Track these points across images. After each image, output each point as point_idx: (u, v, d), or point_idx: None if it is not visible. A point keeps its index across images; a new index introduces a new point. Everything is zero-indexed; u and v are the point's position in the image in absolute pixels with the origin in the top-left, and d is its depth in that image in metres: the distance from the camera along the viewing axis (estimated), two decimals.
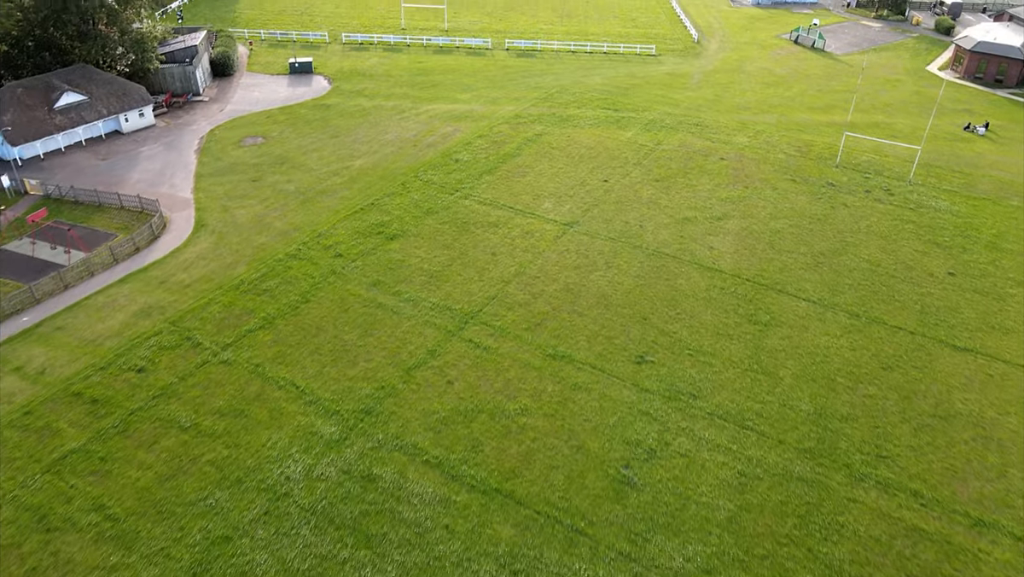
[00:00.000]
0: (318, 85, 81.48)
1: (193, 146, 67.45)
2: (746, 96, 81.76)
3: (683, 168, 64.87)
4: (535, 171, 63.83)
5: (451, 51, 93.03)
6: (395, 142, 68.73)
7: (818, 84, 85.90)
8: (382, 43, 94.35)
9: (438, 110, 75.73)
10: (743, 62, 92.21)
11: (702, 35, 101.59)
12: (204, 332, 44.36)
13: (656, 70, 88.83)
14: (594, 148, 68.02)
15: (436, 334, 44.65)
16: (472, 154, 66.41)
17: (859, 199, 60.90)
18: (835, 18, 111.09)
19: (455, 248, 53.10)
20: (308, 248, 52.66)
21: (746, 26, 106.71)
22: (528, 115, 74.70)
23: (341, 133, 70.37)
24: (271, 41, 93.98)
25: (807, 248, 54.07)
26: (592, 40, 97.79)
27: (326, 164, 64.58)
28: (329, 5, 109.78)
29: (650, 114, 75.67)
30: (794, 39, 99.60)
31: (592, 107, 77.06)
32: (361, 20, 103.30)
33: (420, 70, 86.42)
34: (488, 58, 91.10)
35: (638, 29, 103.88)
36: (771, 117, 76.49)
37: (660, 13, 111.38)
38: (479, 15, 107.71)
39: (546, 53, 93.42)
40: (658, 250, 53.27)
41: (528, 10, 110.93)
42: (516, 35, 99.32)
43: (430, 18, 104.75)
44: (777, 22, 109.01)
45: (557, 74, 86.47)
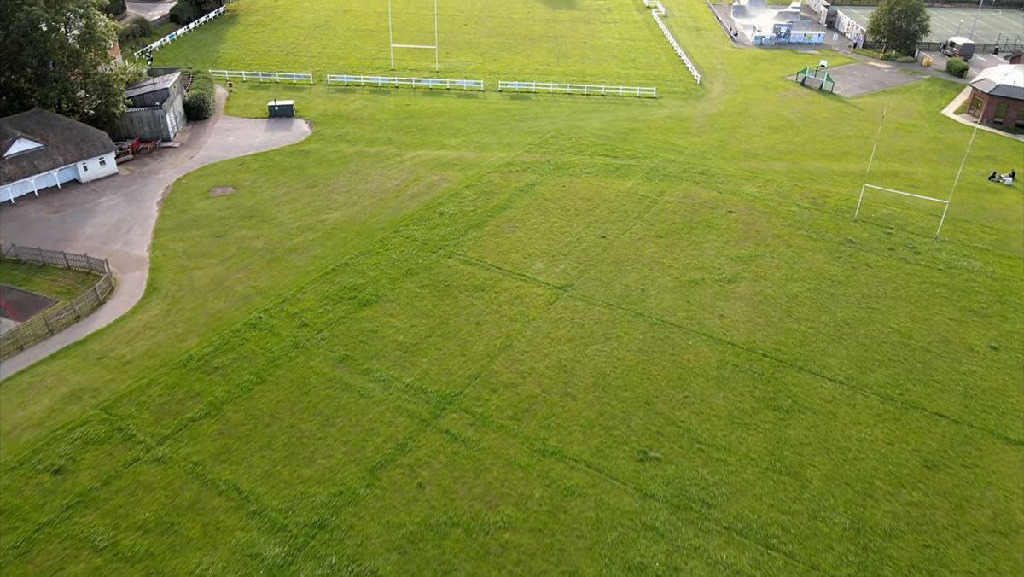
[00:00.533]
0: (298, 129, 76.68)
1: (156, 197, 62.23)
2: (753, 142, 76.89)
3: (688, 222, 59.53)
4: (527, 226, 58.48)
5: (441, 93, 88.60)
6: (376, 192, 63.54)
7: (829, 129, 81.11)
8: (369, 84, 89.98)
9: (424, 157, 70.75)
10: (748, 105, 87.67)
11: (704, 76, 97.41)
12: (139, 421, 38.42)
13: (657, 113, 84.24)
14: (591, 200, 62.79)
15: (408, 423, 38.70)
16: (458, 206, 61.15)
17: (882, 258, 55.39)
18: (842, 59, 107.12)
19: (435, 316, 47.42)
20: (270, 316, 46.98)
21: (750, 67, 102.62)
22: (520, 162, 69.70)
23: (318, 182, 65.23)
24: (252, 82, 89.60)
25: (829, 316, 48.36)
26: (590, 82, 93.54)
27: (299, 217, 59.27)
28: (316, 45, 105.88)
29: (651, 162, 70.68)
30: (801, 81, 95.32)
31: (589, 154, 72.11)
32: (349, 60, 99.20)
33: (407, 113, 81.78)
34: (480, 100, 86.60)
35: (638, 70, 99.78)
36: (781, 165, 71.47)
37: (660, 54, 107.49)
38: (472, 55, 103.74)
39: (541, 95, 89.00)
40: (662, 318, 47.59)
41: (523, 50, 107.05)
42: (510, 76, 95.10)
43: (421, 59, 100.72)
44: (782, 63, 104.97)
45: (552, 117, 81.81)
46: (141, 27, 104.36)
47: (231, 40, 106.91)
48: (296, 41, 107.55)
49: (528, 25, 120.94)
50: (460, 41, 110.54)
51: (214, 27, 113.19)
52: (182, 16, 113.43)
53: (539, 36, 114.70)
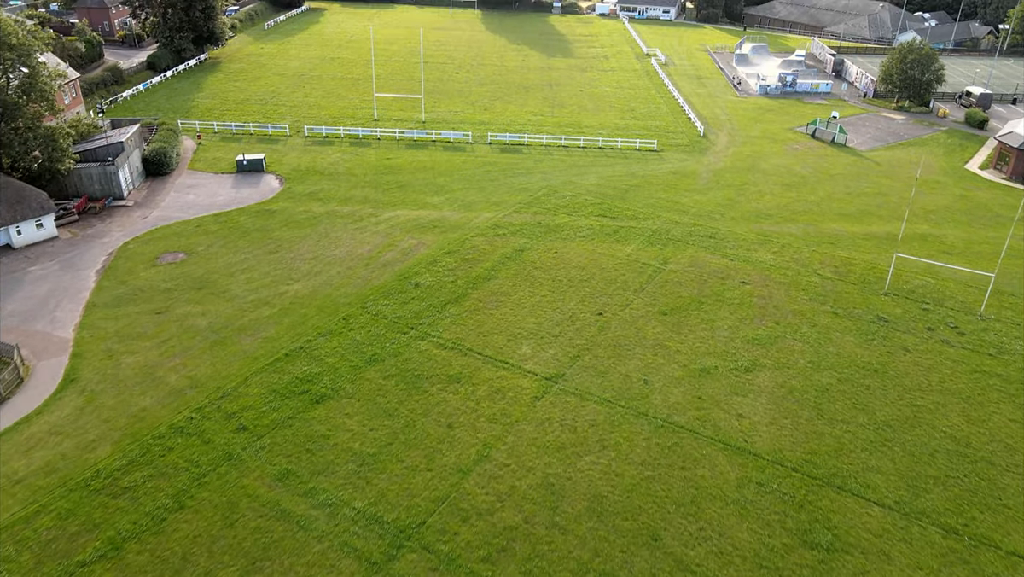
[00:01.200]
0: (267, 186, 70.24)
1: (96, 264, 55.29)
2: (764, 200, 70.36)
3: (696, 296, 52.43)
4: (513, 300, 51.37)
5: (426, 145, 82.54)
6: (345, 260, 56.61)
7: (845, 186, 74.70)
8: (349, 136, 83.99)
9: (402, 217, 64.09)
10: (757, 159, 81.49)
11: (708, 128, 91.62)
12: (16, 567, 30.62)
13: (659, 168, 77.96)
14: (586, 268, 55.83)
15: (354, 569, 30.90)
16: (436, 277, 54.12)
17: (921, 340, 48.10)
18: (853, 109, 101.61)
19: (400, 416, 39.94)
20: (203, 416, 39.49)
21: (756, 118, 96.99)
22: (509, 224, 62.98)
23: (282, 247, 58.38)
24: (224, 134, 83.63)
25: (867, 416, 40.87)
26: (586, 133, 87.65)
27: (255, 289, 52.19)
28: (298, 93, 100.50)
29: (653, 223, 63.99)
30: (811, 133, 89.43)
31: (585, 214, 65.49)
32: (330, 110, 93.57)
33: (388, 168, 75.49)
34: (468, 153, 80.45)
35: (638, 121, 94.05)
36: (797, 227, 64.75)
37: (661, 103, 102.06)
38: (462, 105, 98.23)
39: (534, 148, 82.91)
40: (669, 418, 40.10)
41: (516, 99, 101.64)
42: (501, 127, 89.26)
43: (407, 108, 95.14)
44: (789, 113, 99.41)
45: (545, 173, 75.49)
46: (113, 75, 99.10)
47: (208, 88, 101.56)
48: (277, 90, 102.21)
49: (522, 73, 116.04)
50: (450, 90, 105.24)
51: (193, 75, 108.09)
52: (159, 64, 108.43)
53: (533, 85, 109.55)
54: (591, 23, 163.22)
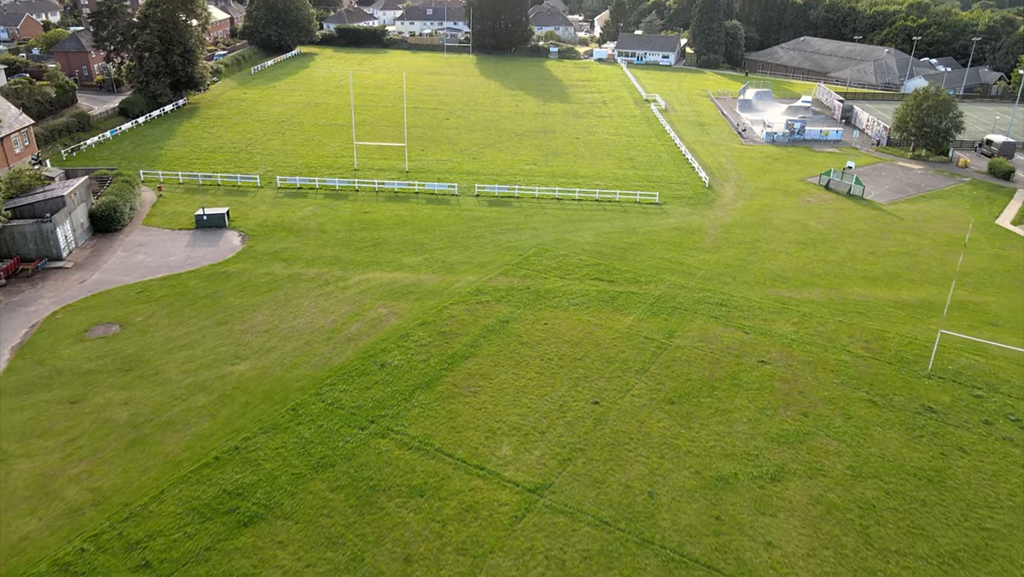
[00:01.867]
0: (227, 244, 63.33)
1: (13, 340, 47.93)
2: (779, 261, 63.36)
3: (708, 379, 44.93)
4: (494, 384, 43.87)
5: (408, 198, 75.95)
6: (304, 333, 49.28)
7: (868, 244, 67.80)
8: (325, 188, 77.50)
9: (374, 281, 56.99)
10: (768, 213, 74.82)
11: (713, 178, 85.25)
12: None
13: (661, 223, 71.19)
14: (581, 344, 48.46)
15: None
16: (407, 354, 46.73)
17: (979, 437, 40.44)
18: (866, 158, 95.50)
19: (346, 546, 32.09)
20: (100, 546, 31.64)
21: (764, 168, 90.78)
22: (493, 289, 55.82)
23: (233, 317, 51.11)
24: (190, 185, 77.19)
25: (927, 545, 32.97)
26: (582, 185, 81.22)
27: (193, 371, 44.75)
28: (276, 141, 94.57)
29: (657, 287, 56.85)
30: (825, 184, 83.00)
31: (579, 277, 58.41)
32: (308, 159, 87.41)
33: (363, 223, 68.71)
34: (452, 207, 73.81)
35: (637, 171, 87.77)
36: (818, 292, 57.58)
37: (662, 152, 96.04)
38: (450, 153, 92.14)
39: (525, 201, 76.32)
40: (681, 548, 32.23)
41: (508, 147, 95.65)
42: (491, 178, 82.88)
43: (391, 157, 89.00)
44: (799, 163, 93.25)
45: (537, 229, 68.68)
46: (79, 122, 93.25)
47: (181, 135, 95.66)
48: (254, 137, 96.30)
49: (515, 120, 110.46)
50: (438, 137, 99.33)
51: (167, 121, 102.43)
52: (132, 109, 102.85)
53: (527, 132, 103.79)
54: (588, 68, 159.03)
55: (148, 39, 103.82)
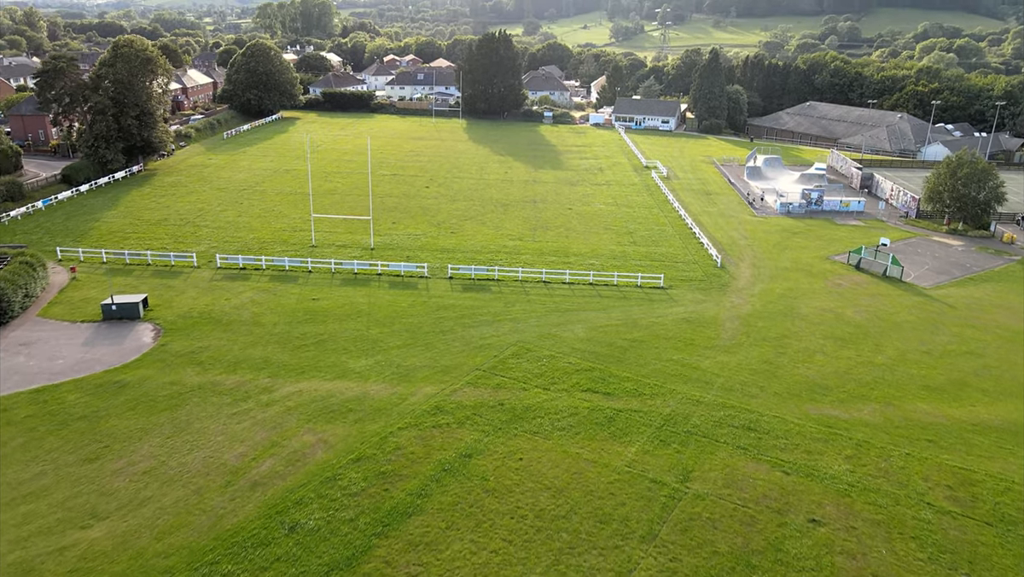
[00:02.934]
0: (134, 342, 51.55)
1: None
2: (815, 363, 51.42)
3: (742, 551, 32.34)
4: (442, 562, 31.28)
5: (368, 281, 64.61)
6: (196, 474, 36.94)
7: (919, 339, 56.03)
8: (272, 268, 66.30)
9: (308, 394, 44.95)
10: (794, 300, 63.33)
11: (726, 256, 74.17)
12: None
13: (668, 313, 59.58)
14: (566, 491, 36.05)
15: None
16: (328, 511, 34.27)
17: None
18: (896, 232, 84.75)
19: None
20: None
21: (781, 243, 79.87)
22: (457, 406, 43.75)
23: (109, 450, 38.84)
24: (115, 265, 66.03)
25: None
26: (574, 264, 70.08)
27: (24, 539, 32.18)
28: (231, 212, 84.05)
29: (665, 402, 44.79)
30: (856, 264, 71.84)
31: (568, 386, 46.41)
32: (261, 233, 76.60)
33: (310, 313, 57.14)
34: (419, 292, 62.40)
35: (638, 247, 76.78)
36: (870, 409, 45.42)
37: (666, 224, 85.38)
38: (425, 226, 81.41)
39: (506, 284, 64.95)
40: None
41: (491, 220, 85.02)
42: (469, 256, 71.83)
43: (357, 231, 78.20)
44: (821, 237, 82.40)
45: (518, 321, 57.03)
46: (8, 191, 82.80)
47: (125, 206, 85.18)
48: (207, 207, 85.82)
49: (503, 188, 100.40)
50: (414, 208, 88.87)
51: (114, 190, 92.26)
52: (77, 177, 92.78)
53: (514, 201, 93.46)
54: (584, 133, 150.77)
55: (100, 101, 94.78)
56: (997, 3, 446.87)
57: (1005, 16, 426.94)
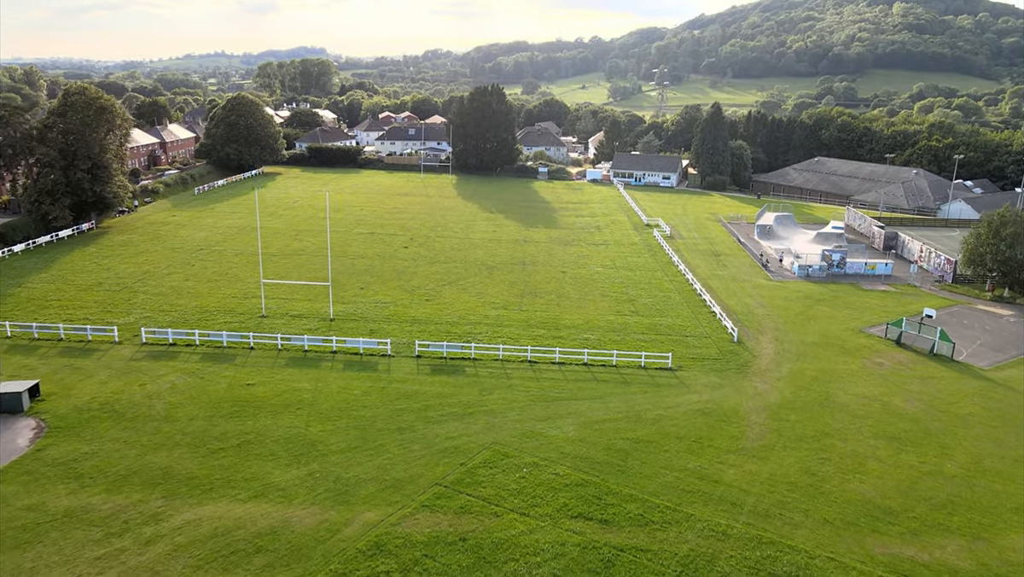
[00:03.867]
0: (5, 446, 40.80)
1: None
2: (870, 474, 40.44)
3: None
4: None
5: (319, 361, 54.18)
6: None
7: (995, 440, 45.09)
8: (207, 344, 55.97)
9: (208, 523, 33.97)
10: (829, 384, 52.71)
11: (743, 328, 63.88)
12: None
13: (679, 403, 48.91)
14: None
15: None
16: None
17: None
18: (933, 300, 74.63)
19: None
20: None
21: (805, 312, 69.69)
22: (404, 542, 32.71)
23: None
24: (19, 340, 55.65)
25: None
26: (566, 339, 59.78)
27: None
28: (178, 275, 74.17)
29: (681, 535, 33.76)
30: (896, 338, 61.46)
31: (552, 511, 35.45)
32: (206, 300, 66.54)
33: (239, 404, 46.51)
34: (379, 375, 51.89)
35: (640, 317, 66.58)
36: (953, 546, 34.31)
37: (671, 290, 75.37)
38: (397, 292, 71.42)
39: (484, 365, 54.47)
40: None
41: (473, 285, 75.08)
42: (443, 329, 61.57)
43: (318, 298, 68.17)
44: (850, 306, 72.21)
45: (494, 414, 46.35)
46: None
47: (59, 268, 75.36)
48: (153, 270, 76.03)
49: (489, 248, 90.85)
50: (388, 271, 79.00)
51: (54, 249, 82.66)
52: (14, 235, 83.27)
53: (501, 263, 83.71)
54: (581, 189, 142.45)
55: (47, 153, 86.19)
56: (990, 64, 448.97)
57: (999, 77, 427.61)
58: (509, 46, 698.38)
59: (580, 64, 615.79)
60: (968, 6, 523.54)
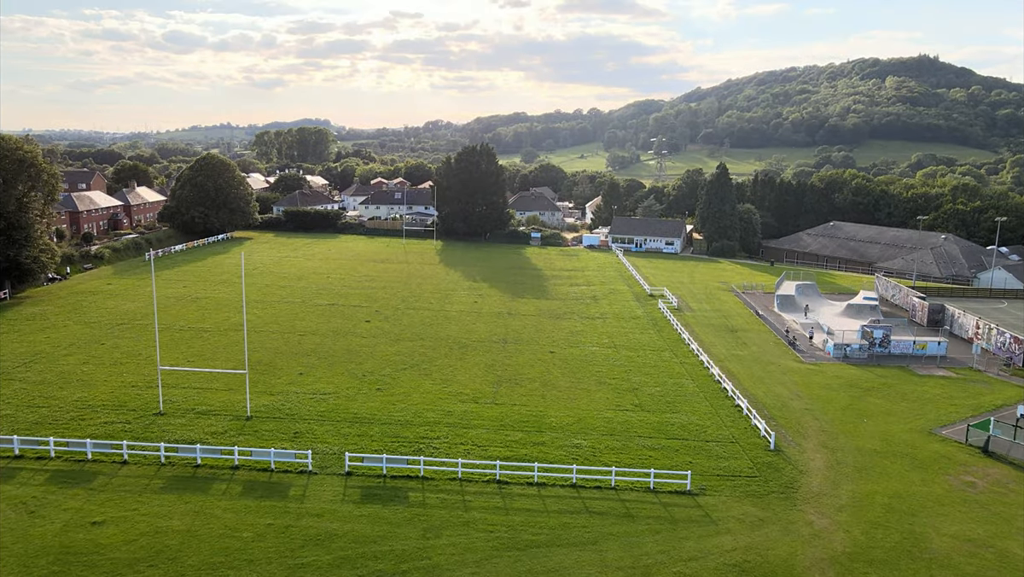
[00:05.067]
0: None
1: None
2: None
3: None
4: None
5: (212, 480, 39.91)
6: None
7: None
8: (66, 456, 41.76)
9: None
10: (911, 517, 38.26)
11: (779, 428, 49.74)
12: None
13: (703, 551, 34.37)
14: None
15: None
16: None
17: None
18: (1008, 388, 60.40)
19: None
20: None
21: (853, 405, 55.64)
22: None
23: None
24: None
25: None
26: (550, 445, 45.61)
27: None
28: (76, 356, 60.28)
29: None
30: (983, 446, 47.14)
31: None
32: (98, 390, 52.58)
33: (62, 561, 32.06)
34: (287, 505, 37.59)
35: (647, 413, 52.52)
36: None
37: (683, 375, 61.55)
38: (343, 378, 57.60)
39: (437, 486, 40.16)
40: None
41: (440, 368, 61.31)
42: (391, 430, 47.48)
43: (238, 389, 54.29)
44: (907, 397, 58.16)
45: (439, 572, 31.94)
46: None
47: None
48: (51, 350, 62.38)
49: (467, 322, 77.36)
50: (339, 351, 65.29)
51: None
52: None
53: (478, 341, 70.05)
54: (576, 256, 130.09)
55: None
56: (987, 135, 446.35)
57: (996, 147, 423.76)
58: (509, 117, 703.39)
59: (579, 134, 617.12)
60: (960, 80, 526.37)
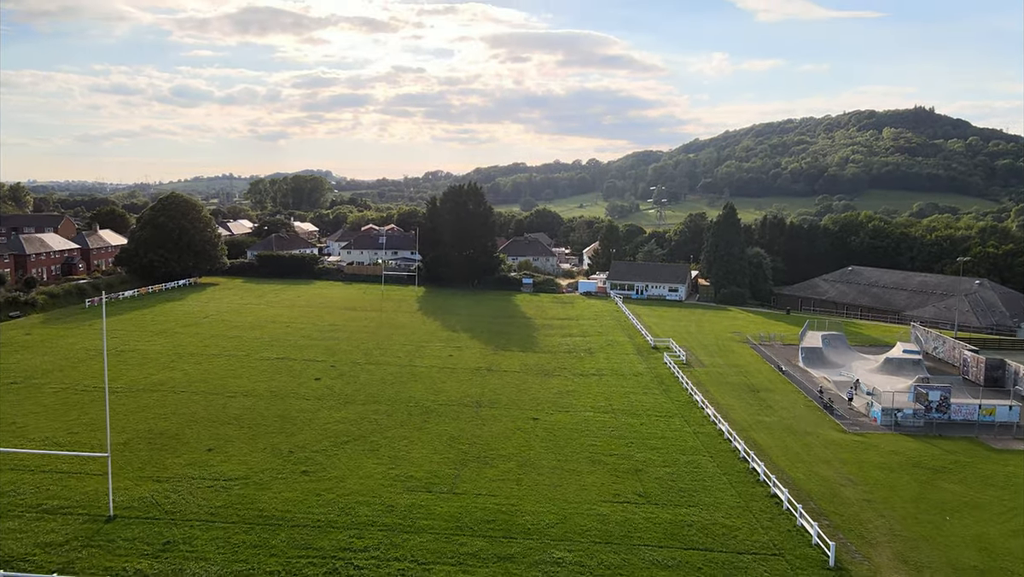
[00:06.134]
0: None
1: None
2: None
3: None
4: None
5: None
6: None
7: None
8: None
9: None
10: None
11: (835, 531, 36.86)
12: None
13: None
14: None
15: None
16: None
17: None
18: None
19: None
20: None
21: (925, 495, 42.78)
22: None
23: None
24: None
25: None
26: (519, 562, 32.76)
27: None
28: None
29: None
30: None
31: None
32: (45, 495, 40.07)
33: None
34: None
35: (655, 507, 39.70)
36: None
37: (700, 450, 48.79)
38: (263, 456, 44.73)
39: None
40: None
41: (391, 441, 48.49)
42: (305, 536, 34.66)
43: (117, 472, 41.57)
44: (991, 481, 45.30)
45: None
46: None
47: None
48: None
49: (436, 381, 64.75)
50: (270, 417, 52.56)
51: None
52: None
53: (446, 405, 57.38)
54: (572, 303, 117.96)
55: None
56: (987, 185, 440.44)
57: (998, 196, 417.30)
58: (508, 168, 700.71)
59: (578, 184, 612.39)
60: (957, 131, 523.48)
